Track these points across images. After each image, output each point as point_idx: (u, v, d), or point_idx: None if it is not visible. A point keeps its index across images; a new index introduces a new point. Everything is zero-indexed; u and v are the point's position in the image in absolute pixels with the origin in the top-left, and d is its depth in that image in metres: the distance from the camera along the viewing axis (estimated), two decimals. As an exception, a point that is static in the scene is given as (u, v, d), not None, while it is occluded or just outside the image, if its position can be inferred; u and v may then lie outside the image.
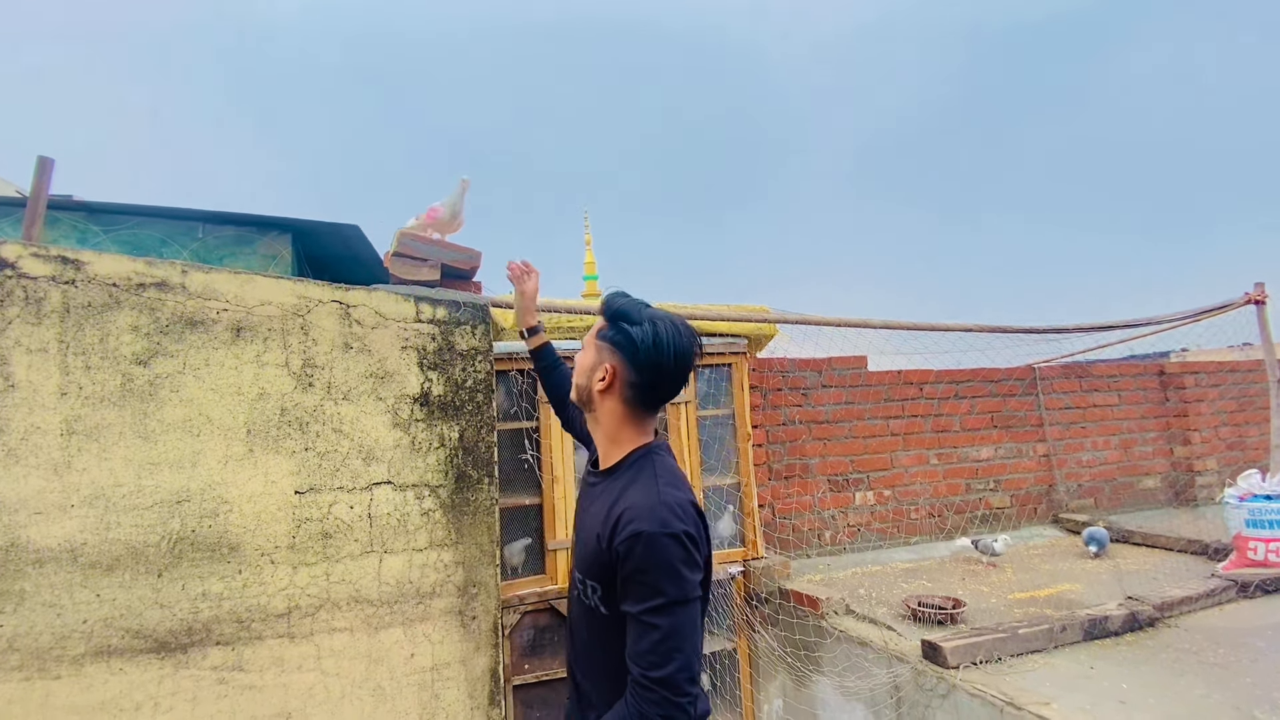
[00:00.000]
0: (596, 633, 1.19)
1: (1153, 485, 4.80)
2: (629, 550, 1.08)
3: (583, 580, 1.21)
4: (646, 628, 1.06)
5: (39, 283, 1.70)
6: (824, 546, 3.80)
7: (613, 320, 1.22)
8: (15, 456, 1.64)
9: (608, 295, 1.27)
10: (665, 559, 1.07)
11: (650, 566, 1.07)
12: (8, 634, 1.60)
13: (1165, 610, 2.73)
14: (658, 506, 1.11)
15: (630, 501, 1.13)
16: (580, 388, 1.26)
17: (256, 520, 1.83)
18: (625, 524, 1.10)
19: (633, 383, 1.20)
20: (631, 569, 1.08)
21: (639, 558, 1.07)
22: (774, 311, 3.21)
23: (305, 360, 1.93)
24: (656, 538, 1.07)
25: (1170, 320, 3.55)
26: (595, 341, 1.24)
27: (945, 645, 2.36)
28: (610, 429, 1.24)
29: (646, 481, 1.17)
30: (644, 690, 1.05)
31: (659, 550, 1.07)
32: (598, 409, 1.25)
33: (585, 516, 1.25)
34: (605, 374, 1.21)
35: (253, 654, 1.79)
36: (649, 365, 1.19)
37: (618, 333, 1.21)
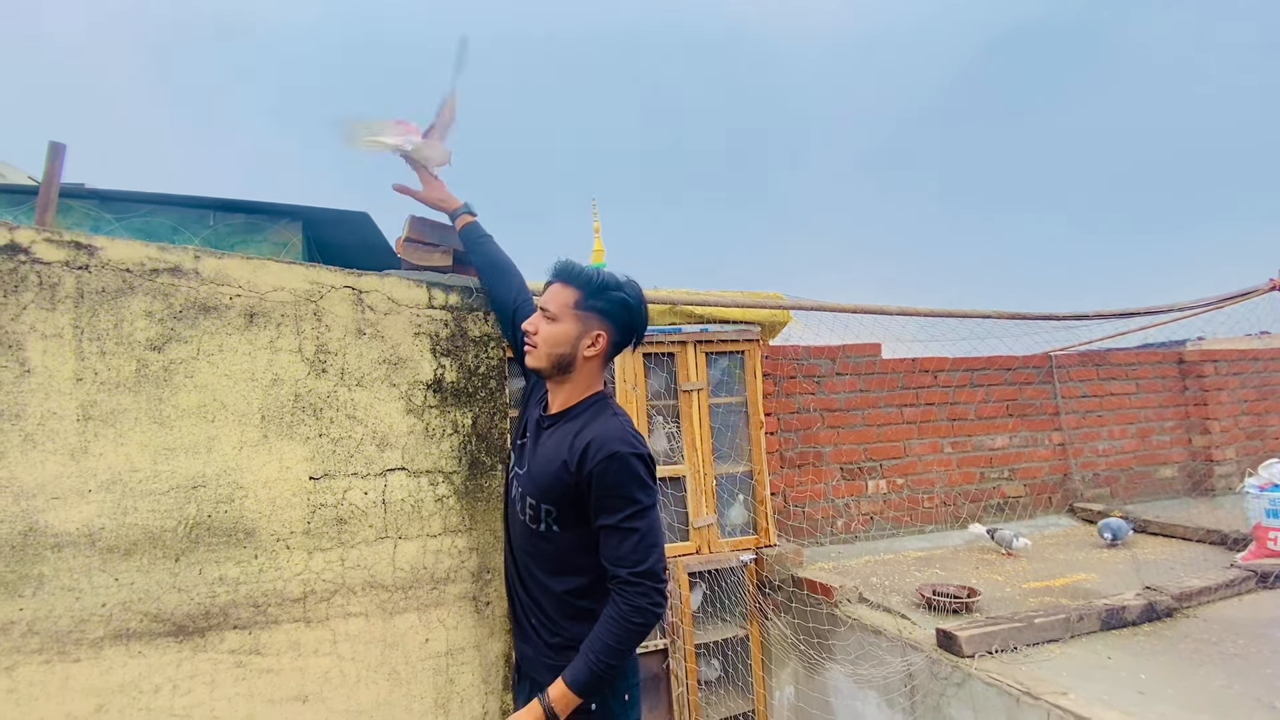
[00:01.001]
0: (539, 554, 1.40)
1: (1170, 475, 4.74)
2: (605, 469, 1.25)
3: (536, 504, 1.36)
4: (627, 533, 1.24)
5: (53, 268, 1.70)
6: (837, 535, 3.78)
7: (598, 291, 1.35)
8: (32, 441, 1.65)
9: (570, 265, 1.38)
10: (637, 473, 1.27)
11: (624, 481, 1.26)
12: (27, 617, 1.61)
13: (1184, 600, 2.69)
14: (625, 434, 1.30)
15: (597, 431, 1.30)
16: (559, 355, 1.36)
17: (271, 505, 1.83)
18: (598, 448, 1.27)
19: (616, 342, 1.39)
20: (608, 485, 1.26)
21: (614, 475, 1.25)
22: (788, 298, 3.17)
23: (318, 346, 1.93)
24: (628, 457, 1.26)
25: (1193, 307, 3.48)
26: (578, 312, 1.35)
27: (960, 634, 2.34)
28: (584, 383, 1.40)
29: (608, 417, 1.35)
30: (632, 585, 1.23)
31: (629, 466, 1.26)
32: (577, 371, 1.38)
33: (541, 450, 1.41)
34: (595, 341, 1.36)
35: (269, 638, 1.80)
36: (635, 326, 1.38)
37: (608, 302, 1.35)
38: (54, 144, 2.26)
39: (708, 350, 3.13)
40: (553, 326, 1.36)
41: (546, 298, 1.39)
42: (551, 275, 1.42)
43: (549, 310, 1.37)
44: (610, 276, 1.37)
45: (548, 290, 1.41)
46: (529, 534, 1.41)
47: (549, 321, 1.37)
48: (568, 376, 1.40)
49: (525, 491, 1.41)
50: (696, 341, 3.09)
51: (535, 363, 1.41)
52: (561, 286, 1.38)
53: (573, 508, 1.32)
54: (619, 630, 1.25)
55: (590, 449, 1.27)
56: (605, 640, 1.27)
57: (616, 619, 1.26)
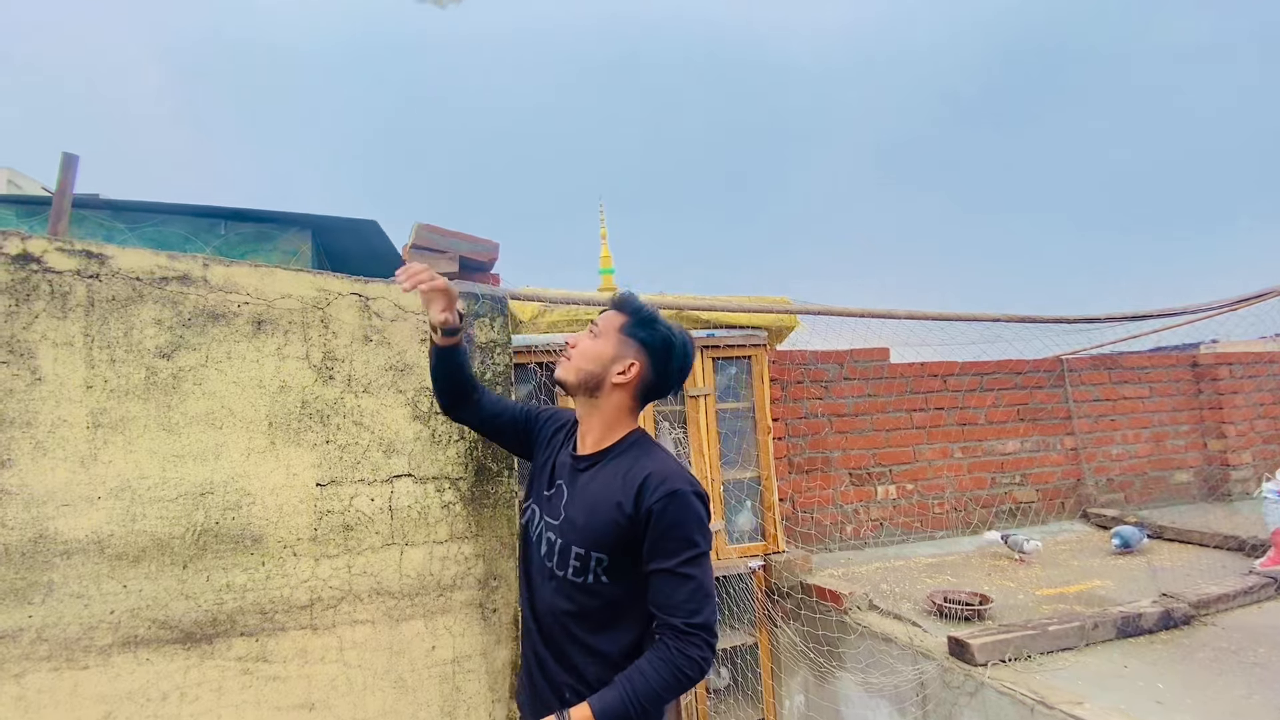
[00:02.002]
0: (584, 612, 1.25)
1: (1185, 480, 4.67)
2: (664, 507, 1.17)
3: (584, 554, 1.25)
4: (682, 579, 1.16)
5: (64, 277, 1.71)
6: (846, 540, 3.75)
7: (646, 322, 1.32)
8: (43, 449, 1.66)
9: (630, 296, 1.37)
10: (697, 514, 1.19)
11: (684, 521, 1.18)
12: (37, 624, 1.62)
13: (1201, 608, 2.65)
14: (684, 471, 1.24)
15: (654, 467, 1.23)
16: (589, 373, 1.31)
17: (279, 512, 1.84)
18: (656, 485, 1.19)
19: (648, 382, 1.33)
20: (667, 524, 1.18)
21: (673, 514, 1.17)
22: (795, 302, 3.16)
23: (325, 353, 1.93)
24: (688, 495, 1.19)
25: (1206, 309, 3.44)
26: (620, 335, 1.32)
27: (973, 642, 2.31)
28: (610, 417, 1.33)
29: (657, 453, 1.29)
30: (685, 635, 1.15)
31: (691, 506, 1.19)
32: (603, 397, 1.32)
33: (585, 493, 1.30)
34: (627, 369, 1.30)
35: (276, 645, 1.80)
36: (670, 370, 1.33)
37: (650, 334, 1.31)
38: (67, 155, 2.29)
39: (715, 356, 3.12)
40: (593, 342, 1.33)
41: (599, 318, 1.38)
42: (609, 304, 1.41)
43: (596, 327, 1.36)
44: (657, 313, 1.36)
45: (601, 315, 1.40)
46: (570, 591, 1.26)
47: (591, 337, 1.34)
48: (593, 402, 1.34)
49: (568, 541, 1.27)
50: (703, 347, 3.08)
51: (564, 374, 1.35)
52: (614, 312, 1.36)
53: (626, 553, 1.22)
54: (666, 675, 1.15)
55: (648, 485, 1.19)
56: (649, 680, 1.15)
57: (666, 661, 1.15)
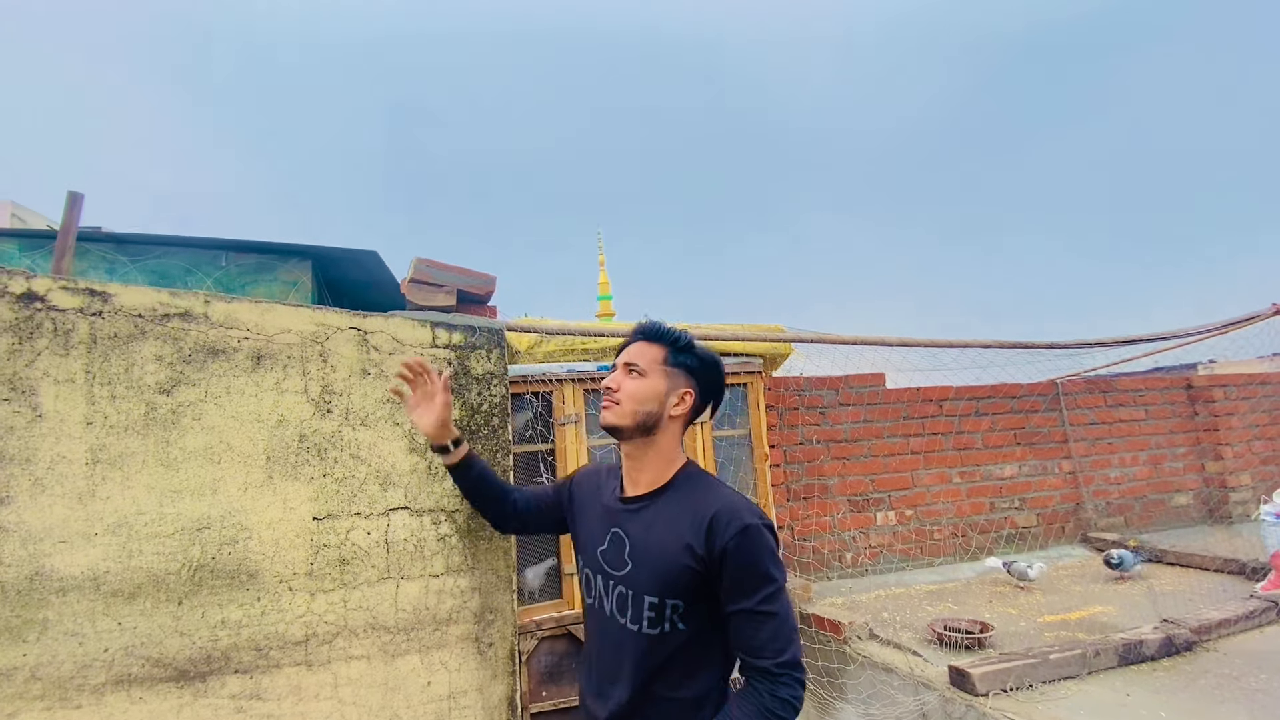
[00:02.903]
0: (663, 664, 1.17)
1: (1185, 502, 4.67)
2: (739, 544, 1.12)
3: (659, 602, 1.18)
4: (765, 617, 1.11)
5: (67, 315, 1.74)
6: (845, 569, 3.73)
7: (687, 348, 1.30)
8: (42, 486, 1.67)
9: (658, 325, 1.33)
10: (769, 547, 1.14)
11: (761, 557, 1.13)
12: (30, 663, 1.61)
13: (1203, 633, 2.63)
14: (750, 504, 1.18)
15: (721, 503, 1.18)
16: (647, 413, 1.25)
17: (275, 547, 1.84)
18: (728, 520, 1.14)
19: (696, 406, 1.31)
20: (742, 562, 1.12)
21: (748, 550, 1.12)
22: (789, 330, 3.19)
23: (324, 387, 1.95)
24: (760, 529, 1.14)
25: (1196, 332, 3.48)
26: (666, 368, 1.28)
27: (974, 671, 2.29)
28: (667, 452, 1.29)
29: (718, 486, 1.24)
30: (775, 677, 1.09)
31: (763, 540, 1.14)
32: (659, 434, 1.28)
33: (648, 539, 1.22)
34: (682, 399, 1.28)
35: (270, 682, 1.79)
36: (712, 391, 1.32)
37: (696, 361, 1.30)
38: (72, 194, 2.34)
39: (710, 383, 3.15)
40: (640, 382, 1.26)
41: (632, 354, 1.30)
42: (635, 335, 1.33)
43: (637, 365, 1.27)
44: (692, 338, 1.31)
45: (629, 350, 1.32)
46: (647, 645, 1.18)
47: (636, 377, 1.27)
48: (650, 440, 1.27)
49: (640, 592, 1.20)
50: (699, 375, 3.11)
51: (618, 420, 1.26)
52: (646, 344, 1.30)
53: (701, 596, 1.17)
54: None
55: (718, 522, 1.13)
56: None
57: (760, 708, 1.09)
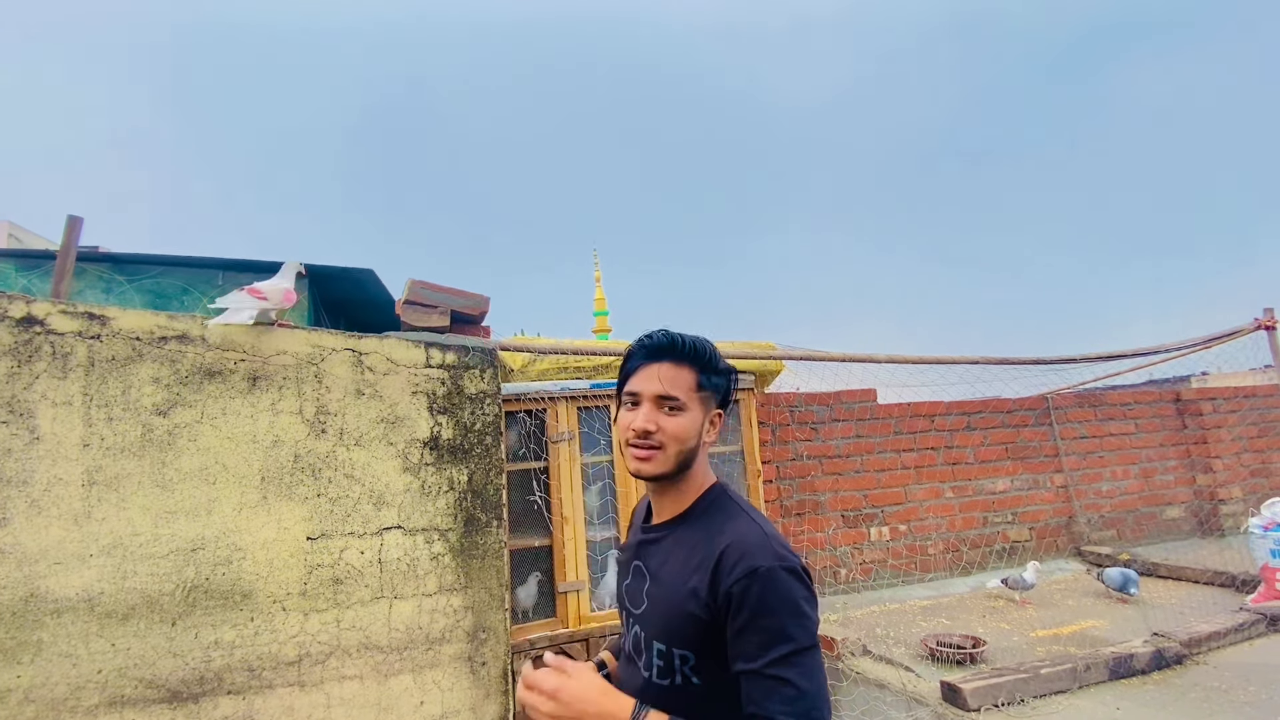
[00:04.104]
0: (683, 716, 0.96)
1: (1176, 515, 4.69)
2: (745, 590, 0.93)
3: (666, 651, 1.03)
4: (775, 683, 0.90)
5: (66, 338, 1.77)
6: (838, 585, 3.74)
7: (715, 365, 1.12)
8: (38, 508, 1.69)
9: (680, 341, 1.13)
10: (788, 596, 0.93)
11: (773, 608, 0.92)
12: (24, 685, 1.62)
13: (1193, 647, 2.65)
14: (767, 540, 0.97)
15: (732, 537, 0.99)
16: (690, 453, 1.09)
17: (269, 567, 1.85)
18: (735, 561, 0.96)
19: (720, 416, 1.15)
20: (750, 614, 0.93)
21: (756, 599, 0.93)
22: (780, 348, 3.23)
23: (318, 407, 1.98)
24: (776, 573, 0.93)
25: (1180, 348, 3.53)
26: (700, 395, 1.10)
27: (965, 687, 2.31)
28: (701, 478, 1.13)
29: (739, 515, 1.04)
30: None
31: (780, 586, 0.93)
32: (695, 464, 1.11)
33: (661, 577, 1.07)
34: (714, 422, 1.12)
35: (263, 703, 1.79)
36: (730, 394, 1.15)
37: (721, 375, 1.12)
38: (71, 218, 2.38)
39: (703, 400, 3.18)
40: (680, 419, 1.08)
41: (665, 383, 1.09)
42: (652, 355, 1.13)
43: (676, 399, 1.08)
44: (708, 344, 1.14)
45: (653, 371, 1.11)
46: (657, 694, 1.03)
47: (676, 413, 1.08)
48: (688, 475, 1.12)
49: (650, 636, 1.07)
50: (692, 392, 3.14)
51: (661, 469, 1.09)
52: (675, 367, 1.10)
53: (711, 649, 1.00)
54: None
55: (725, 561, 0.97)
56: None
57: None
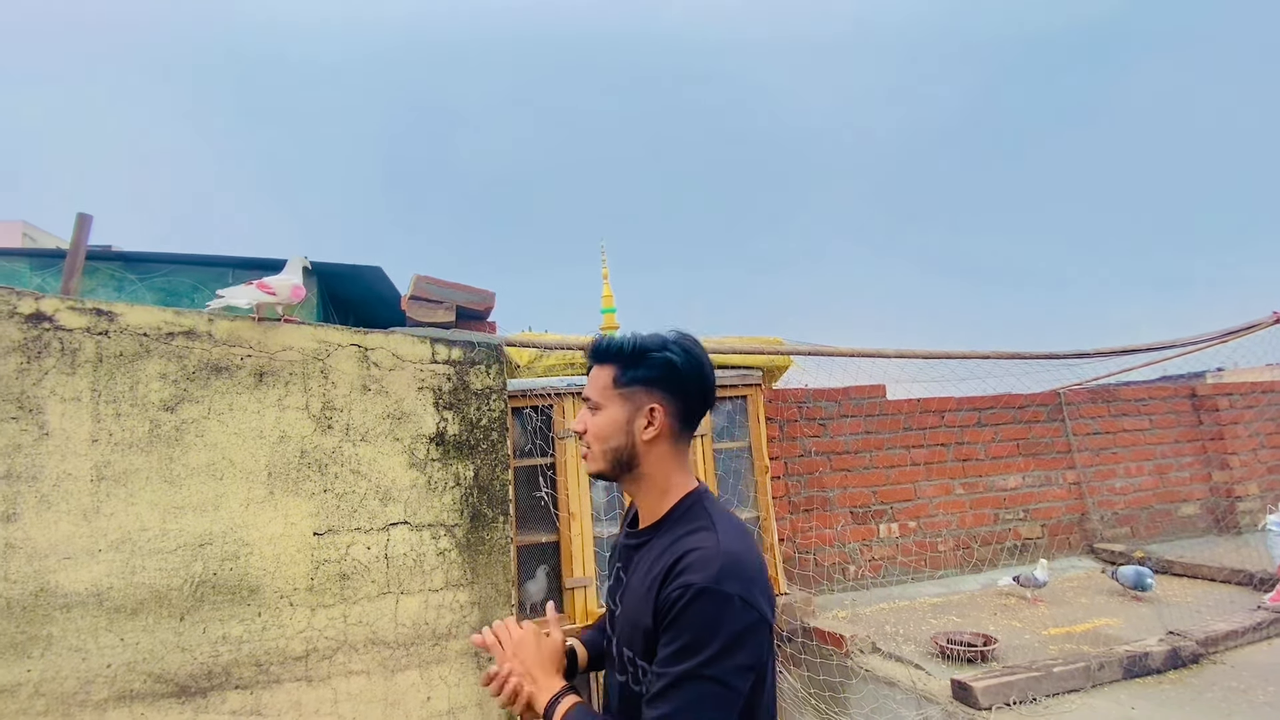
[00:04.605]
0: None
1: (1192, 512, 4.63)
2: (673, 603, 0.91)
3: (631, 658, 1.02)
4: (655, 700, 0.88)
5: (74, 334, 1.78)
6: (847, 582, 3.71)
7: (635, 359, 1.11)
8: (47, 503, 1.70)
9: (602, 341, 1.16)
10: (713, 621, 0.89)
11: (690, 626, 0.89)
12: (34, 679, 1.63)
13: (1209, 646, 2.60)
14: (719, 556, 0.94)
15: (686, 548, 0.98)
16: (616, 449, 1.10)
17: (276, 562, 1.86)
18: (677, 574, 0.94)
19: (678, 413, 1.10)
20: (671, 626, 0.91)
21: (679, 612, 0.90)
22: (788, 343, 3.21)
23: (325, 403, 1.98)
24: (708, 593, 0.90)
25: (1195, 342, 3.47)
26: (619, 391, 1.11)
27: (976, 685, 2.28)
28: (661, 478, 1.10)
29: (705, 530, 1.02)
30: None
31: (708, 609, 0.90)
32: (643, 461, 1.10)
33: (630, 583, 1.07)
34: (649, 418, 1.09)
35: (271, 698, 1.80)
36: (692, 385, 1.10)
37: (650, 368, 1.10)
38: (81, 215, 2.39)
39: (710, 396, 3.16)
40: (598, 416, 1.11)
41: (587, 386, 1.16)
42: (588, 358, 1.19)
43: (591, 399, 1.13)
44: (649, 338, 1.12)
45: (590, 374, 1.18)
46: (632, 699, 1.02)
47: (593, 412, 1.12)
48: (636, 474, 1.12)
49: (620, 641, 1.07)
50: (699, 388, 3.12)
51: (594, 467, 1.14)
52: (598, 368, 1.14)
53: None
54: None
55: (670, 574, 0.95)
56: None
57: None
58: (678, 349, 1.10)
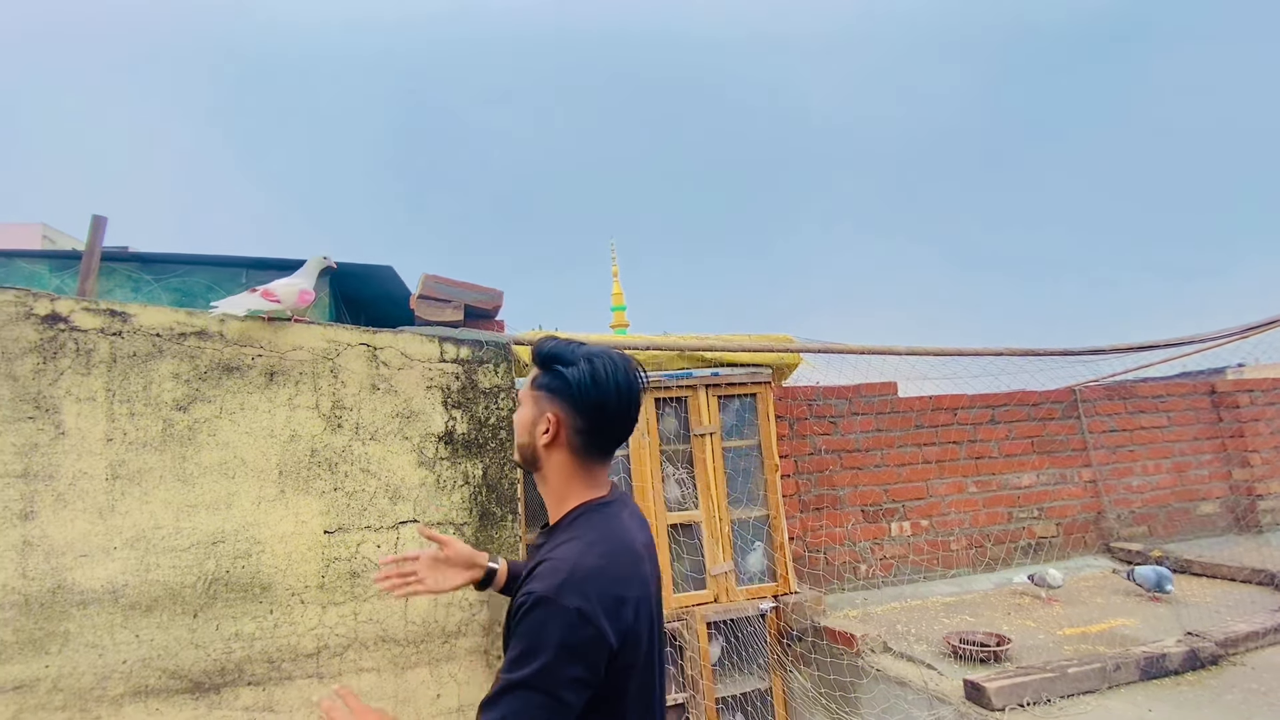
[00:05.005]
0: None
1: (1211, 511, 4.55)
2: (516, 611, 0.94)
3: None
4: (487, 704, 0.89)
5: (89, 335, 1.80)
6: (858, 581, 3.69)
7: (546, 365, 1.12)
8: (64, 501, 1.72)
9: (537, 340, 1.18)
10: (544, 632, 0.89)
11: (524, 634, 0.90)
12: (53, 674, 1.65)
13: (1229, 647, 2.56)
14: (563, 568, 0.94)
15: (542, 557, 1.00)
16: (523, 446, 1.13)
17: (287, 560, 1.87)
18: (526, 581, 0.97)
19: (579, 429, 1.09)
20: (512, 633, 0.93)
21: (519, 621, 0.92)
22: (797, 340, 3.19)
23: (335, 402, 1.99)
24: (545, 603, 0.91)
25: (1214, 338, 3.41)
26: (532, 392, 1.13)
27: (989, 685, 2.25)
28: (558, 485, 1.12)
29: (571, 542, 1.02)
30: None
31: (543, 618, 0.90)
32: (544, 465, 1.13)
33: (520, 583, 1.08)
34: (549, 425, 1.09)
35: (283, 694, 1.81)
36: (593, 406, 1.09)
37: (554, 378, 1.11)
38: (96, 217, 2.42)
39: (719, 394, 3.15)
40: (518, 411, 1.15)
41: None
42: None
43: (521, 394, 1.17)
44: (561, 347, 1.13)
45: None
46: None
47: (520, 404, 1.16)
48: (541, 475, 1.15)
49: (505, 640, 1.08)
50: (707, 385, 3.11)
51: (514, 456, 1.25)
52: (533, 368, 1.17)
53: None
54: None
55: (523, 583, 0.98)
56: None
57: None
58: (585, 368, 1.09)
